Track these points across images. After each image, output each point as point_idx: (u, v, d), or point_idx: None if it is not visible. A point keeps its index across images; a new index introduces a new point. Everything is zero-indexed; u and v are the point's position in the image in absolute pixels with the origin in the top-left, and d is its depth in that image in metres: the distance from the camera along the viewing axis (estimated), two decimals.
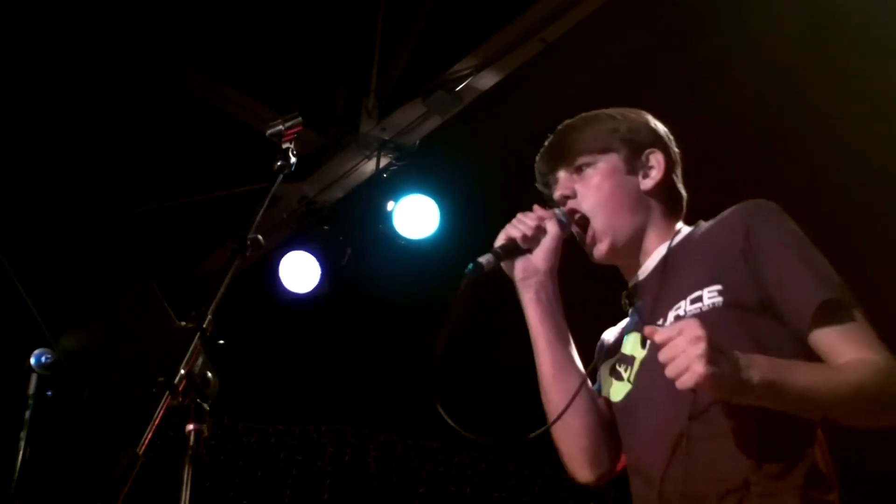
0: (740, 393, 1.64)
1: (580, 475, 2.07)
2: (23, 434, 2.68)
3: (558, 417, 1.94)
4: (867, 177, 4.60)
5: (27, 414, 2.70)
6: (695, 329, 1.60)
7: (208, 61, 4.40)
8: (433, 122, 4.48)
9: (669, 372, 1.61)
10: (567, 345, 2.06)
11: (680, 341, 1.60)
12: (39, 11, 4.09)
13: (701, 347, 1.58)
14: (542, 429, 1.94)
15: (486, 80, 4.26)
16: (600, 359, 2.11)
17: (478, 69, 4.22)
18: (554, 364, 2.02)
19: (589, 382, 2.07)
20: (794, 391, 1.67)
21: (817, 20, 4.04)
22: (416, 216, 4.55)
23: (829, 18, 4.02)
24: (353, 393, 6.01)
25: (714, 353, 1.59)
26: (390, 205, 4.57)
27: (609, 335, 2.16)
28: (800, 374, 1.69)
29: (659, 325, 1.90)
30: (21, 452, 2.66)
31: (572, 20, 3.97)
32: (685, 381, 1.59)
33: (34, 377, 2.73)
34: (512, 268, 2.08)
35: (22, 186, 4.55)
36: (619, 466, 2.05)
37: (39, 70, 4.32)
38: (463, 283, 1.94)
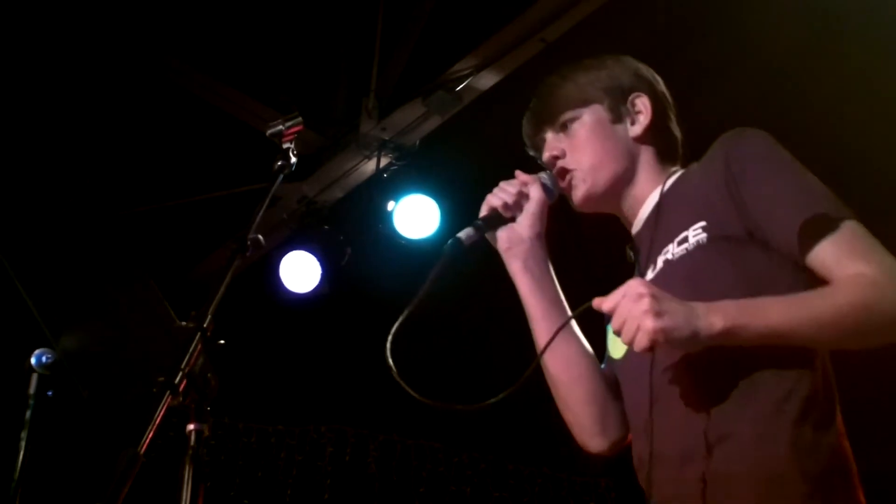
0: (702, 341, 1.57)
1: (592, 445, 1.98)
2: (23, 434, 2.68)
3: (528, 372, 1.77)
4: (867, 177, 4.60)
5: (27, 414, 2.70)
6: (636, 287, 1.56)
7: (208, 61, 4.40)
8: (433, 122, 4.48)
9: (623, 339, 1.56)
10: (561, 312, 1.99)
11: (625, 303, 1.56)
12: (40, 11, 4.09)
13: (645, 303, 1.53)
14: (512, 388, 1.71)
15: (486, 80, 4.26)
16: (608, 319, 2.05)
17: (478, 69, 4.21)
18: (549, 333, 1.92)
19: (587, 346, 2.00)
20: (767, 330, 1.59)
21: (817, 20, 4.04)
22: (416, 216, 4.55)
23: (829, 18, 4.02)
24: (353, 393, 6.01)
25: (661, 306, 1.54)
26: (390, 205, 4.57)
27: None
28: (772, 312, 1.60)
29: (649, 273, 1.84)
30: (21, 452, 2.66)
31: (572, 20, 3.97)
32: (639, 343, 1.54)
33: (34, 377, 2.73)
34: (495, 239, 2.02)
35: (22, 186, 4.54)
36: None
37: (40, 70, 4.32)
38: (440, 261, 1.85)
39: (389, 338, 1.77)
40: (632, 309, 1.54)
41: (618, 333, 1.59)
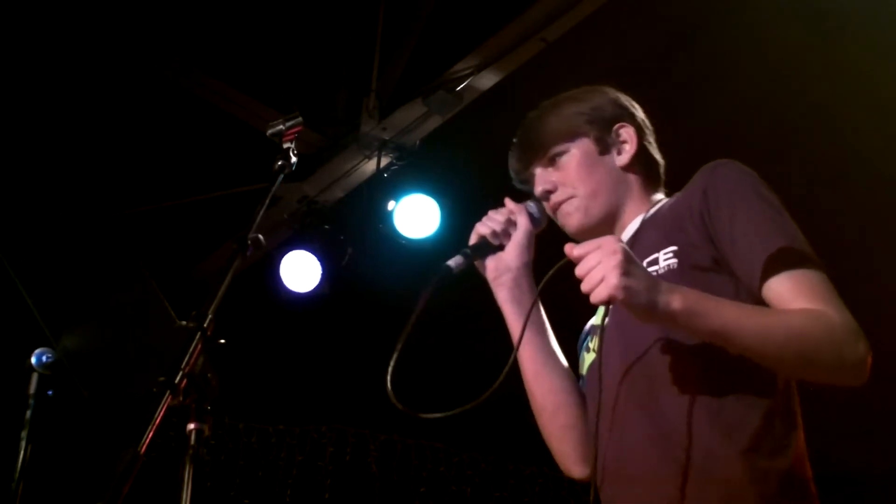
0: (656, 314, 1.59)
1: (575, 472, 2.01)
2: (23, 434, 2.68)
3: (494, 387, 1.76)
4: (867, 177, 4.60)
5: (28, 413, 2.70)
6: (612, 243, 1.58)
7: (209, 61, 4.40)
8: (434, 122, 4.48)
9: (584, 286, 1.57)
10: (547, 340, 2.02)
11: (597, 254, 1.57)
12: (40, 12, 4.09)
13: (616, 259, 1.55)
14: (484, 396, 1.74)
15: (487, 80, 4.26)
16: (581, 341, 2.07)
17: (478, 69, 4.21)
18: (534, 360, 1.99)
19: (573, 376, 2.03)
20: (717, 326, 1.61)
21: (817, 20, 4.04)
22: (416, 216, 4.55)
23: (829, 18, 4.02)
24: (354, 393, 6.01)
25: (630, 267, 1.56)
26: (391, 204, 4.57)
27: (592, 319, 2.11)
28: (727, 311, 1.63)
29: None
30: (22, 452, 2.66)
31: (572, 20, 3.97)
32: (599, 294, 1.55)
33: (35, 376, 2.72)
34: (484, 267, 2.04)
35: (22, 186, 4.55)
36: None
37: (40, 70, 4.33)
38: (429, 288, 1.87)
39: (389, 370, 1.83)
40: (602, 260, 1.56)
41: (580, 280, 1.60)
